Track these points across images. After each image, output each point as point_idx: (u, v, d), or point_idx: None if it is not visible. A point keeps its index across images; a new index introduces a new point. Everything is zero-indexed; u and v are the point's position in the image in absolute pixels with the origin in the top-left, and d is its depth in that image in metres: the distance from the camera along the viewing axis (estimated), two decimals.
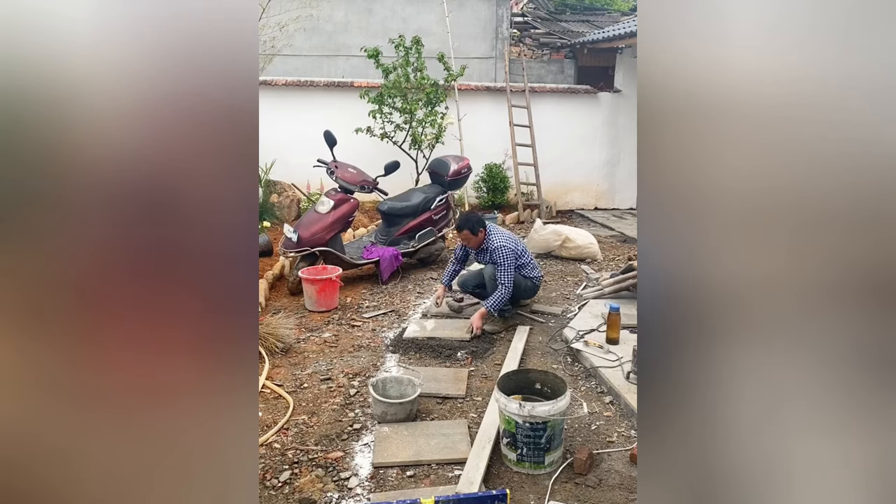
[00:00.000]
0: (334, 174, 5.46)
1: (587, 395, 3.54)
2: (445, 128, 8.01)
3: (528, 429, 2.70)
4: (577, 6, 12.00)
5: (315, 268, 5.05)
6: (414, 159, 8.01)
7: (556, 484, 2.69)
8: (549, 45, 10.01)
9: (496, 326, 4.47)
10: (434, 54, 7.91)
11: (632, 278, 4.88)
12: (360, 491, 2.64)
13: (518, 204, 8.41)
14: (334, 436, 3.06)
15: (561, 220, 8.44)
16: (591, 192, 9.35)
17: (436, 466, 2.80)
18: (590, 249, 6.38)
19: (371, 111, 7.68)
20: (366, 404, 3.37)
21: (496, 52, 9.61)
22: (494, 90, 8.77)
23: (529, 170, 8.53)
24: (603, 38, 8.61)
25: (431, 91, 7.79)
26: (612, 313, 4.05)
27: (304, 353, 4.06)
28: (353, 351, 4.13)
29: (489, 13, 9.54)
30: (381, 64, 7.57)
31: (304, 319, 4.67)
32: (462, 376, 3.71)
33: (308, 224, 5.16)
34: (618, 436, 3.09)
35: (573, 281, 5.73)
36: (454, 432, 3.05)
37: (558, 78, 9.84)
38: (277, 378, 3.68)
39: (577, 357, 4.00)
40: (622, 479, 2.72)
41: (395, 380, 3.41)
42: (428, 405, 3.38)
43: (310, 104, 8.20)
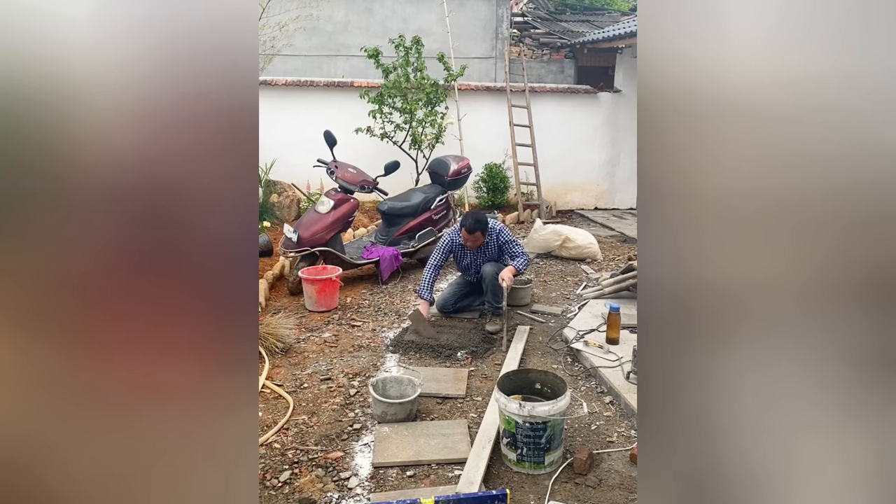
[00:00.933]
0: (334, 174, 5.46)
1: (587, 395, 3.54)
2: (445, 128, 8.00)
3: (529, 429, 2.70)
4: (577, 6, 12.00)
5: (315, 268, 5.05)
6: (414, 159, 8.01)
7: (556, 484, 2.69)
8: (549, 45, 10.01)
9: (496, 326, 4.46)
10: (434, 54, 7.91)
11: (632, 278, 4.88)
12: (360, 491, 2.64)
13: (518, 204, 8.41)
14: (334, 436, 3.06)
15: (561, 220, 8.44)
16: (591, 192, 9.35)
17: (436, 466, 2.80)
18: (590, 249, 6.38)
19: (371, 111, 7.68)
20: (366, 404, 3.37)
21: (496, 52, 9.61)
22: (494, 90, 8.77)
23: (529, 170, 8.53)
24: (603, 38, 8.61)
25: (431, 91, 7.79)
26: (612, 313, 4.05)
27: (304, 353, 4.06)
28: (353, 351, 4.13)
29: (489, 13, 9.54)
30: (381, 64, 7.57)
31: (304, 319, 4.66)
32: (462, 376, 3.71)
33: (308, 224, 5.16)
34: (618, 436, 3.09)
35: (573, 281, 5.73)
36: (454, 432, 3.05)
37: (558, 78, 9.84)
38: (277, 378, 3.68)
39: (577, 357, 4.00)
40: (622, 479, 2.72)
41: (395, 380, 3.41)
42: (428, 405, 3.38)
43: (310, 104, 8.20)
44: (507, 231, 4.61)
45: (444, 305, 4.73)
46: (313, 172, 6.58)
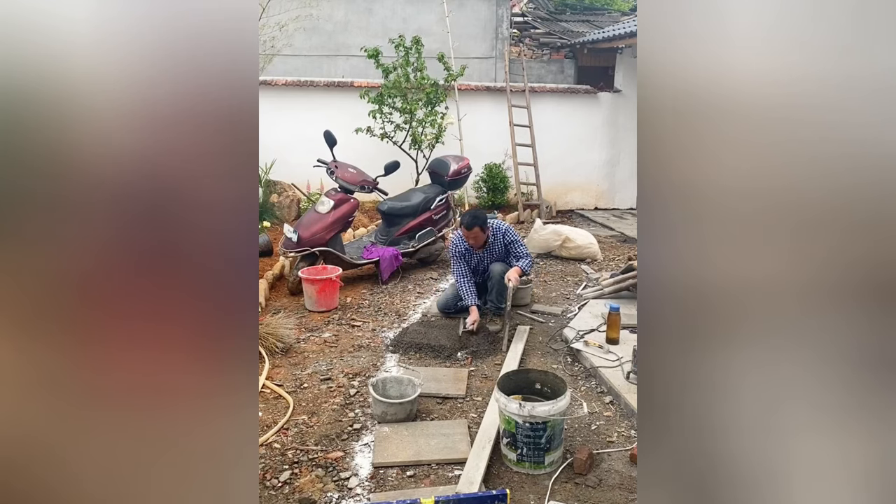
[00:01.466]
0: (334, 174, 5.46)
1: (587, 395, 3.54)
2: (445, 128, 8.00)
3: (528, 429, 2.70)
4: (577, 6, 12.00)
5: (315, 268, 5.05)
6: (414, 159, 8.01)
7: (556, 484, 2.69)
8: (549, 45, 10.02)
9: (497, 325, 4.46)
10: (434, 54, 7.91)
11: (632, 278, 4.88)
12: (360, 491, 2.64)
13: (518, 204, 8.41)
14: (334, 436, 3.06)
15: (561, 220, 8.44)
16: (591, 192, 9.35)
17: (436, 466, 2.80)
18: (590, 249, 6.38)
19: (371, 111, 7.68)
20: (366, 404, 3.37)
21: (496, 52, 9.61)
22: (494, 90, 8.77)
23: (529, 170, 8.53)
24: (603, 38, 8.61)
25: (431, 91, 7.79)
26: (612, 313, 4.05)
27: (304, 353, 4.06)
28: (353, 351, 4.13)
29: (489, 13, 9.54)
30: (381, 64, 7.57)
31: (304, 319, 4.66)
32: (462, 376, 3.71)
33: (308, 224, 5.16)
34: (618, 436, 3.09)
35: (573, 281, 5.73)
36: (454, 432, 3.05)
37: (558, 78, 9.84)
38: (277, 378, 3.68)
39: (577, 357, 4.00)
40: (622, 479, 2.72)
41: (395, 380, 3.41)
42: (428, 405, 3.38)
43: (310, 104, 8.19)
44: (512, 231, 4.62)
45: (445, 305, 4.73)
46: (313, 172, 6.58)
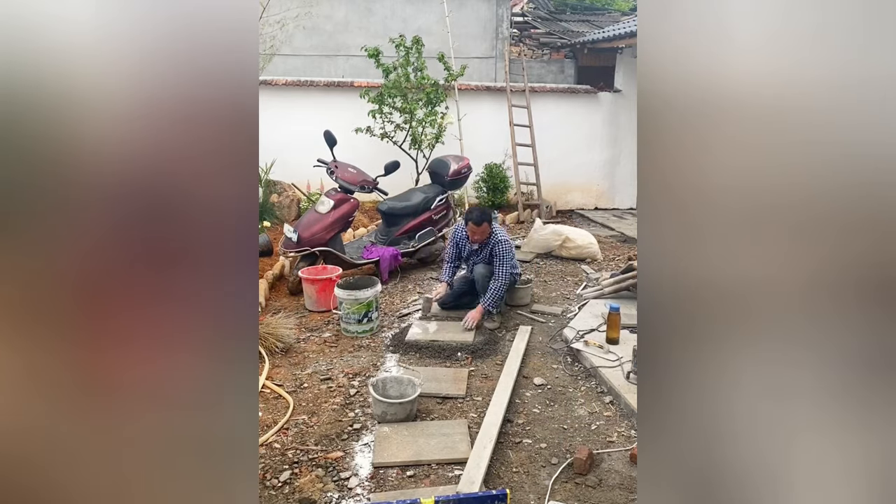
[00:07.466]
0: (334, 174, 5.46)
1: (587, 395, 3.54)
2: (445, 128, 8.00)
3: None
4: (578, 6, 12.01)
5: (315, 268, 5.05)
6: (414, 159, 8.01)
7: (556, 484, 2.69)
8: (549, 44, 10.02)
9: (495, 324, 4.49)
10: (434, 54, 7.91)
11: (632, 278, 4.88)
12: (360, 491, 2.64)
13: (518, 204, 8.41)
14: (334, 436, 3.06)
15: (561, 219, 8.44)
16: (591, 192, 9.35)
17: (436, 466, 2.80)
18: (590, 249, 6.38)
19: (371, 111, 7.68)
20: (366, 404, 3.37)
21: (496, 51, 9.61)
22: (494, 90, 8.77)
23: (529, 170, 8.53)
24: (603, 38, 8.61)
25: (431, 91, 7.79)
26: (612, 313, 4.05)
27: (304, 353, 4.06)
28: (353, 351, 4.13)
29: (489, 13, 9.54)
30: (382, 64, 7.57)
31: (304, 319, 4.67)
32: (462, 376, 3.71)
33: (308, 224, 5.16)
34: (618, 436, 3.09)
35: (573, 281, 5.73)
36: (454, 432, 3.05)
37: (558, 78, 9.85)
38: (277, 378, 3.68)
39: (578, 357, 4.00)
40: (622, 479, 2.72)
41: (395, 380, 3.41)
42: (428, 405, 3.38)
43: (310, 104, 8.19)
44: (505, 248, 4.50)
45: (443, 300, 4.80)
46: (313, 172, 6.58)
